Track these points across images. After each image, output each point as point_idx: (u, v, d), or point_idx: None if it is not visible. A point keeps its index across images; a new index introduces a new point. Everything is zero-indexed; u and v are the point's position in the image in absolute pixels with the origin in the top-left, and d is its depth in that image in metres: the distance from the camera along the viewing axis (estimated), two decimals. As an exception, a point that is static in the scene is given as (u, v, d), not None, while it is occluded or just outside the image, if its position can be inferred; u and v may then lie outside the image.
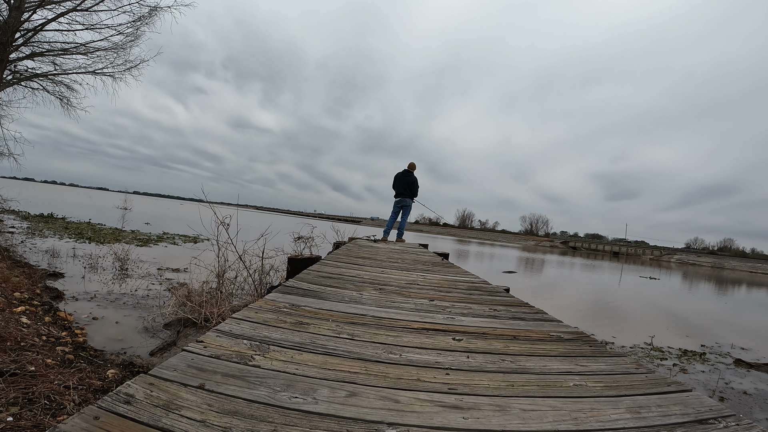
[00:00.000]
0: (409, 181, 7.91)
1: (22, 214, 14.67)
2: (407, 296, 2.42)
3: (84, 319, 4.04)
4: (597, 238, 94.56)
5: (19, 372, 2.25)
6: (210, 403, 0.89)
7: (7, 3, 7.71)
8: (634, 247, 71.80)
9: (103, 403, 0.83)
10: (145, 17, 8.79)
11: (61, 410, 2.02)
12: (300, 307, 1.83)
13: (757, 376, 4.67)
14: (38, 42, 8.49)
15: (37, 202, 21.98)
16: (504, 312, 2.20)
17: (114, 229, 13.66)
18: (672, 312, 9.46)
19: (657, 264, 43.34)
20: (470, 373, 1.23)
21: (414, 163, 8.04)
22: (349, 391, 1.02)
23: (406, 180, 7.91)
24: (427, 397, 1.04)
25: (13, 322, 3.12)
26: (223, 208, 5.81)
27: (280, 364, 1.15)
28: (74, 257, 7.45)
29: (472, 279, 3.55)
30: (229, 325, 1.43)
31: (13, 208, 12.02)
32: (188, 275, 6.41)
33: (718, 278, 27.65)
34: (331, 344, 1.37)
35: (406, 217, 8.19)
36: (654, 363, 4.79)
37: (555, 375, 1.27)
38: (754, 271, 47.13)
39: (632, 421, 0.98)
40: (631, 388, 1.18)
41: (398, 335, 1.57)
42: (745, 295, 17.74)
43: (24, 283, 4.71)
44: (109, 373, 2.70)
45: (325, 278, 2.69)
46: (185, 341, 3.72)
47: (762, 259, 63.45)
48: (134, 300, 5.05)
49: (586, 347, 1.61)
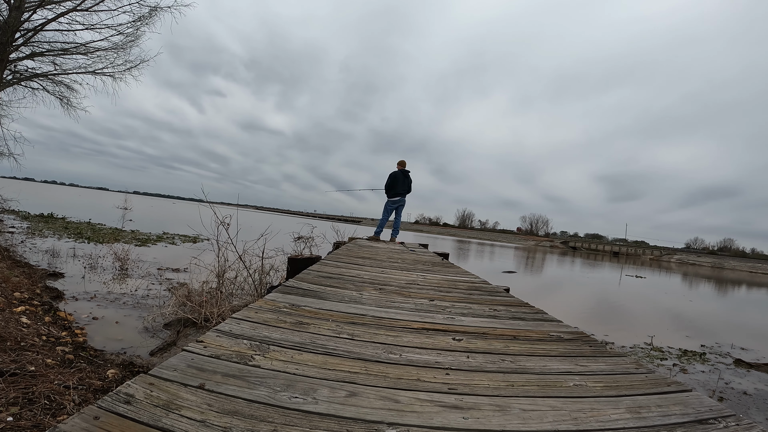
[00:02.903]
0: (409, 181, 7.93)
1: (22, 214, 14.67)
2: (407, 296, 2.42)
3: (84, 319, 4.04)
4: (597, 238, 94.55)
5: (19, 372, 2.25)
6: (210, 403, 0.89)
7: (7, 3, 7.71)
8: (634, 247, 71.77)
9: (103, 403, 0.83)
10: (145, 17, 8.79)
11: (61, 410, 2.02)
12: (300, 307, 1.83)
13: (756, 376, 4.67)
14: (38, 42, 8.50)
15: (37, 202, 21.97)
16: (504, 312, 2.20)
17: (114, 228, 13.67)
18: (672, 312, 9.47)
19: (657, 264, 43.34)
20: (470, 373, 1.23)
21: (405, 161, 8.02)
22: (349, 391, 1.02)
23: (407, 181, 7.90)
24: (427, 397, 1.04)
25: (13, 322, 3.12)
26: (223, 208, 5.81)
27: (280, 364, 1.15)
28: (74, 257, 7.45)
29: (472, 279, 3.55)
30: (229, 325, 1.43)
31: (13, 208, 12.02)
32: (188, 275, 6.41)
33: (717, 278, 27.65)
34: (331, 344, 1.37)
35: (401, 215, 8.18)
36: (654, 363, 4.79)
37: (555, 375, 1.27)
38: (754, 271, 47.12)
39: (632, 421, 0.98)
40: (631, 388, 1.18)
41: (398, 335, 1.57)
42: (745, 294, 17.74)
43: (24, 283, 4.71)
44: (109, 373, 2.70)
45: (325, 278, 2.69)
46: (185, 341, 3.72)
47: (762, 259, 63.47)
48: (134, 300, 5.05)
49: (586, 347, 1.61)
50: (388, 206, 7.99)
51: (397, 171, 7.90)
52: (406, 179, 7.89)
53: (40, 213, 15.91)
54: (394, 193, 7.87)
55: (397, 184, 7.85)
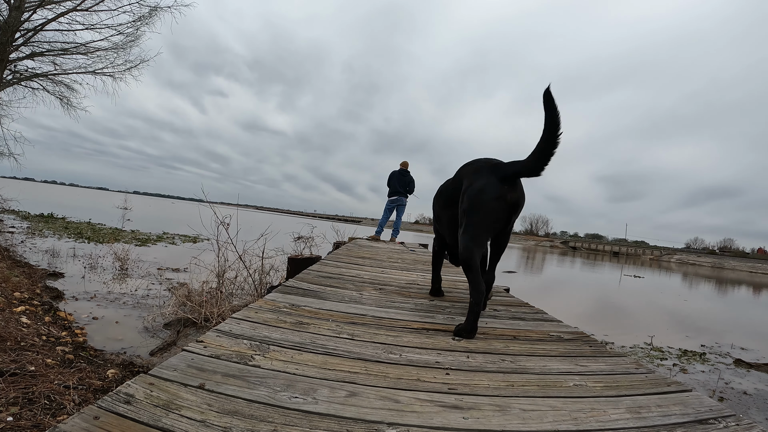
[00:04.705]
0: (407, 180, 7.97)
1: (22, 214, 14.67)
2: (407, 296, 2.42)
3: (84, 319, 4.04)
4: (597, 238, 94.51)
5: (19, 372, 2.25)
6: (210, 403, 0.89)
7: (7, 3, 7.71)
8: (634, 247, 71.75)
9: (103, 403, 0.83)
10: (145, 17, 8.80)
11: (61, 410, 2.02)
12: (300, 307, 1.83)
13: (756, 376, 4.67)
14: (38, 42, 8.51)
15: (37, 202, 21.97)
16: (504, 312, 2.20)
17: (114, 228, 13.66)
18: (671, 312, 9.47)
19: (657, 264, 43.33)
20: (470, 373, 1.23)
21: (407, 162, 8.08)
22: (349, 391, 1.02)
23: (404, 179, 7.95)
24: (427, 397, 1.04)
25: (13, 322, 3.12)
26: (223, 208, 5.81)
27: (280, 364, 1.15)
28: (74, 257, 7.45)
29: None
30: (229, 325, 1.43)
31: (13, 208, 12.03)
32: (188, 275, 6.41)
33: (717, 278, 27.64)
34: (331, 344, 1.37)
35: (401, 215, 8.22)
36: (654, 363, 4.79)
37: (555, 375, 1.27)
38: (754, 271, 47.10)
39: (632, 421, 0.97)
40: (631, 388, 1.18)
41: (398, 335, 1.57)
42: (745, 294, 17.74)
43: (24, 283, 4.71)
44: (109, 372, 2.70)
45: (325, 278, 2.69)
46: (185, 341, 3.72)
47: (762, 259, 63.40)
48: (134, 300, 5.05)
49: (586, 347, 1.61)
50: (388, 206, 8.06)
51: (396, 170, 7.98)
52: (404, 178, 7.94)
53: (40, 213, 15.90)
54: (392, 192, 7.96)
55: (394, 182, 7.94)
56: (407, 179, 7.97)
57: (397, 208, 8.11)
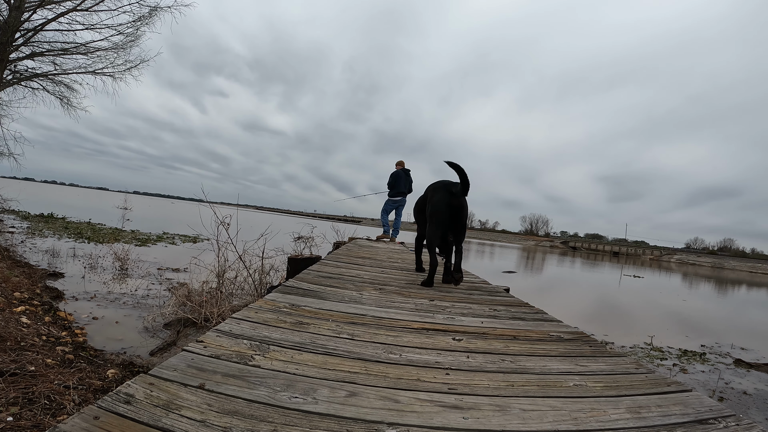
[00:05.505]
0: (410, 180, 7.99)
1: (22, 214, 14.66)
2: (407, 296, 2.42)
3: (84, 319, 4.04)
4: (597, 238, 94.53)
5: (19, 372, 2.25)
6: (210, 403, 0.89)
7: (7, 3, 7.72)
8: (634, 247, 71.75)
9: (103, 403, 0.83)
10: (145, 17, 8.80)
11: (61, 410, 2.02)
12: (300, 307, 1.83)
13: (756, 376, 4.67)
14: (38, 42, 8.51)
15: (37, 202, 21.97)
16: (504, 312, 2.20)
17: (114, 228, 13.66)
18: (671, 312, 9.46)
19: (657, 264, 43.32)
20: (470, 373, 1.23)
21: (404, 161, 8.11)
22: (349, 391, 1.02)
23: (409, 180, 7.97)
24: (427, 397, 1.04)
25: (13, 322, 3.12)
26: (223, 208, 5.81)
27: (280, 364, 1.15)
28: (74, 257, 7.45)
29: (472, 279, 3.55)
30: (229, 325, 1.43)
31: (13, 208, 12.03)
32: (188, 275, 6.41)
33: (717, 278, 27.64)
34: (331, 344, 1.37)
35: (401, 215, 8.24)
36: (654, 363, 4.79)
37: (555, 375, 1.27)
38: (754, 271, 47.10)
39: (632, 421, 0.97)
40: (631, 388, 1.18)
41: (398, 335, 1.57)
42: (745, 294, 17.74)
43: (24, 283, 4.71)
44: (109, 372, 2.70)
45: (325, 278, 2.69)
46: (185, 341, 3.72)
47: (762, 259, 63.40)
48: (134, 300, 5.05)
49: (586, 347, 1.61)
50: (389, 205, 8.04)
51: (399, 170, 7.99)
52: (408, 178, 7.96)
53: (40, 213, 15.90)
54: (397, 192, 7.96)
55: (400, 183, 7.94)
56: (410, 179, 8.01)
57: (397, 208, 8.12)
